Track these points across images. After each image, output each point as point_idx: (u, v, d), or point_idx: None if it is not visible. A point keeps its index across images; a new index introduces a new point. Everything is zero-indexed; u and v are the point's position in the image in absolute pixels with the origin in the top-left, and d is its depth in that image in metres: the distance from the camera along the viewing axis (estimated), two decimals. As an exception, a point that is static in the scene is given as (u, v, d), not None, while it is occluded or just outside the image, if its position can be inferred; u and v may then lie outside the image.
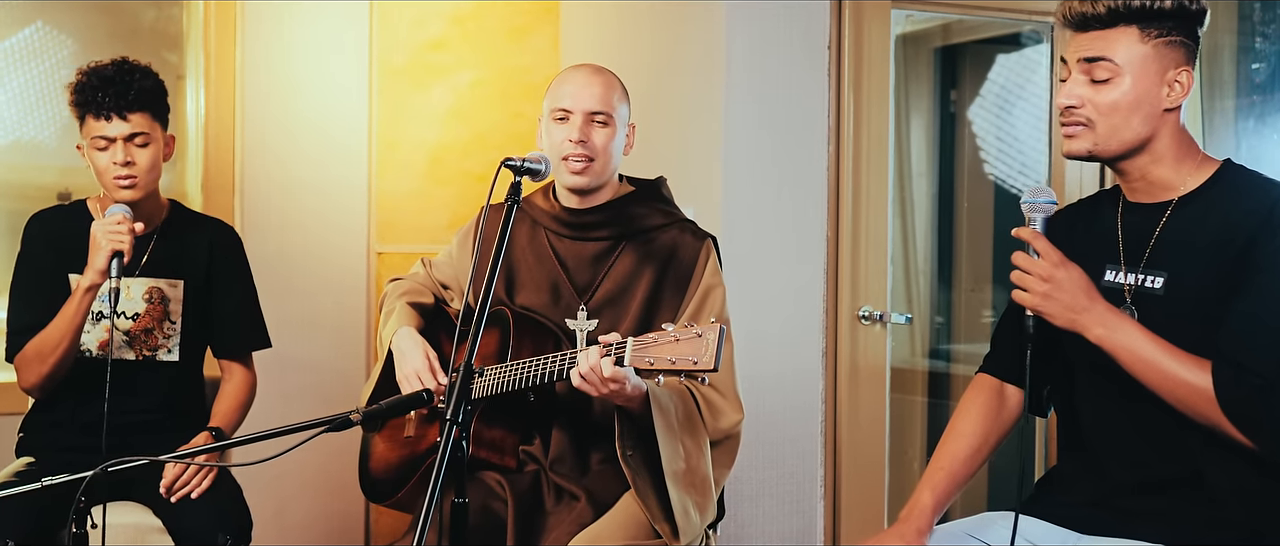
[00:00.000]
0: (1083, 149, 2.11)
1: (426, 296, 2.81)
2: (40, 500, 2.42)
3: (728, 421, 2.57)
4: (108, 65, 2.88)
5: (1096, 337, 2.02)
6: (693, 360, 2.15)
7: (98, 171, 2.88)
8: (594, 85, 2.61)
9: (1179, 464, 2.07)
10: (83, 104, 2.86)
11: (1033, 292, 2.04)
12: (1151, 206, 2.14)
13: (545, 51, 4.40)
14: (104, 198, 2.96)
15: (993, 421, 2.33)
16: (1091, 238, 2.21)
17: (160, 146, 2.92)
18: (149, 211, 2.96)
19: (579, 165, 2.58)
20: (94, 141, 2.86)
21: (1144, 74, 2.06)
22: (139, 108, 2.85)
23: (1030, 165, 4.35)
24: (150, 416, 2.97)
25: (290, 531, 4.11)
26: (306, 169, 4.14)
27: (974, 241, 4.60)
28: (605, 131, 2.59)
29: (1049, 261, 2.04)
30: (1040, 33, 4.15)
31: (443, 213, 4.31)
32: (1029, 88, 4.37)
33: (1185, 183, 2.11)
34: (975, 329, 4.55)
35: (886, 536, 2.24)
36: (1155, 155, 2.11)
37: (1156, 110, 2.08)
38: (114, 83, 2.84)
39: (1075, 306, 2.02)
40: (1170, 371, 1.99)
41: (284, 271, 4.06)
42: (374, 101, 4.25)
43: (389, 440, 2.76)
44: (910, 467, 4.33)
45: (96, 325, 2.93)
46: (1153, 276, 2.10)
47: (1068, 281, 2.03)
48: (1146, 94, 2.06)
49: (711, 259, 2.64)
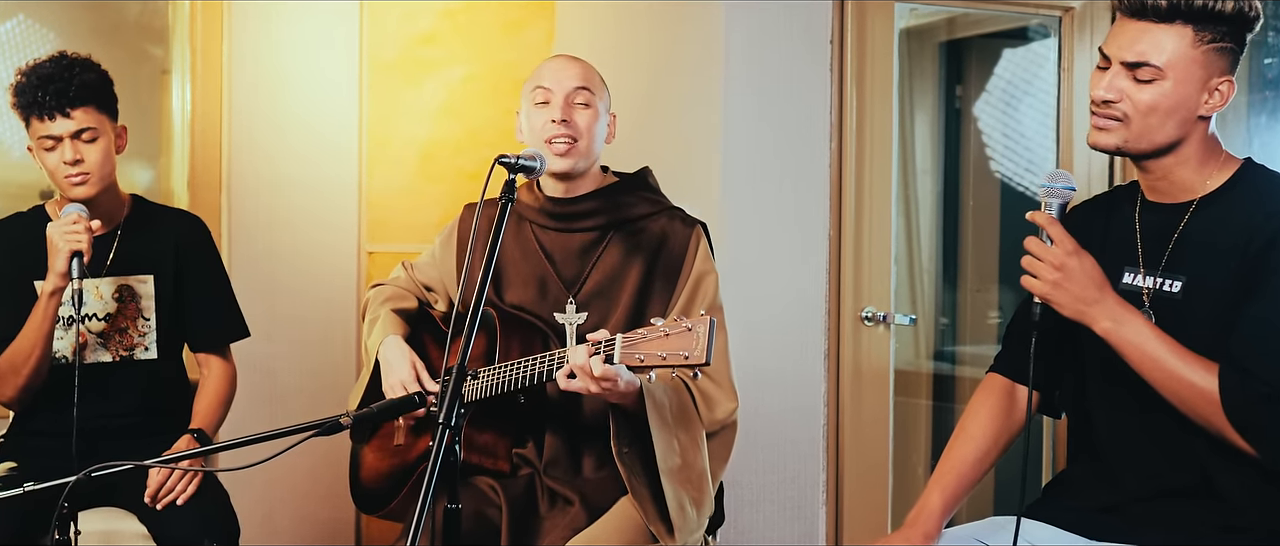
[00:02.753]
0: (1112, 144, 2.10)
1: (410, 301, 2.81)
2: (23, 505, 2.42)
3: (723, 411, 2.58)
4: (46, 62, 2.85)
5: (1103, 331, 2.01)
6: (684, 354, 2.15)
7: (49, 172, 2.87)
8: (573, 66, 2.63)
9: (1191, 472, 2.08)
10: (25, 105, 2.83)
11: (1043, 280, 2.03)
12: (1171, 207, 2.14)
13: (539, 46, 4.40)
14: (60, 199, 2.95)
15: (1003, 422, 2.32)
16: (1109, 237, 2.21)
17: (111, 139, 2.90)
18: (109, 208, 2.95)
19: (563, 146, 2.58)
20: (41, 142, 2.83)
21: (1187, 78, 2.04)
22: (82, 102, 2.83)
23: (1037, 162, 4.35)
24: (132, 418, 2.96)
25: (279, 537, 4.11)
26: (295, 166, 4.14)
27: (980, 240, 4.60)
28: (588, 113, 2.60)
29: (1063, 249, 2.02)
30: (1047, 27, 4.15)
31: (434, 211, 4.31)
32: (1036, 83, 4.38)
33: (1206, 183, 2.11)
34: (981, 330, 4.55)
35: (894, 539, 2.25)
36: (1182, 157, 2.10)
37: (1192, 115, 2.07)
38: (54, 79, 2.81)
39: (1085, 297, 2.01)
40: (1176, 371, 1.98)
41: (272, 271, 4.06)
42: (364, 97, 4.25)
43: (379, 450, 2.76)
44: (914, 472, 4.33)
45: (68, 330, 2.92)
46: (1171, 280, 2.10)
47: (1079, 271, 2.01)
48: (1186, 99, 2.05)
49: (702, 245, 2.64)
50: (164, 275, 3.02)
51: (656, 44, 3.84)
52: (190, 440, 2.94)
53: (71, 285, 2.72)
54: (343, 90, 4.22)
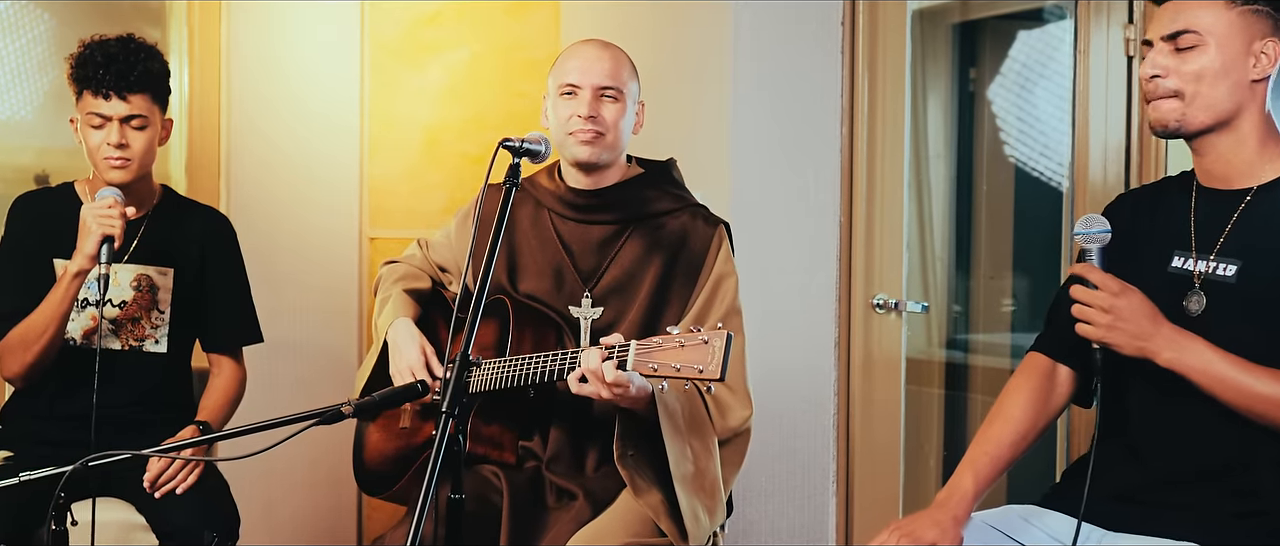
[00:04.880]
0: (1172, 119, 2.13)
1: (423, 281, 2.80)
2: (19, 496, 2.42)
3: (737, 418, 2.57)
4: (113, 41, 2.87)
5: (1167, 362, 2.05)
6: (698, 368, 2.14)
7: (89, 149, 2.88)
8: (603, 60, 2.59)
9: (1222, 457, 2.09)
10: (82, 78, 2.85)
11: (1096, 325, 2.07)
12: (1228, 194, 2.15)
13: (545, 26, 4.38)
14: (93, 179, 2.96)
15: (1042, 405, 2.33)
16: (1156, 223, 2.23)
17: (157, 130, 2.91)
18: (140, 196, 2.96)
19: (588, 136, 2.56)
20: (88, 118, 2.85)
21: (1229, 41, 2.09)
22: (141, 89, 2.85)
23: (1053, 147, 4.34)
24: (134, 409, 2.97)
25: (279, 528, 4.12)
26: (296, 150, 4.14)
27: (994, 227, 4.59)
28: (615, 107, 2.58)
29: (1108, 291, 2.06)
30: (1063, 8, 4.13)
31: (438, 196, 4.30)
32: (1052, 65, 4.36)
33: (1264, 171, 2.12)
34: (994, 318, 4.54)
35: (921, 521, 2.21)
36: (1240, 135, 2.12)
37: (1244, 81, 2.10)
38: (118, 60, 2.83)
39: (1141, 334, 2.05)
40: (1247, 387, 2.01)
41: (272, 257, 4.05)
42: (366, 79, 4.24)
43: (384, 430, 2.76)
44: (926, 463, 4.33)
45: (81, 313, 2.93)
46: (1225, 264, 2.11)
47: (1129, 309, 2.05)
48: (1233, 62, 2.09)
49: (724, 246, 2.63)
50: (185, 270, 3.02)
51: (662, 23, 3.83)
52: (194, 431, 2.95)
53: (97, 269, 2.72)
54: (344, 72, 4.21)
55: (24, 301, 2.86)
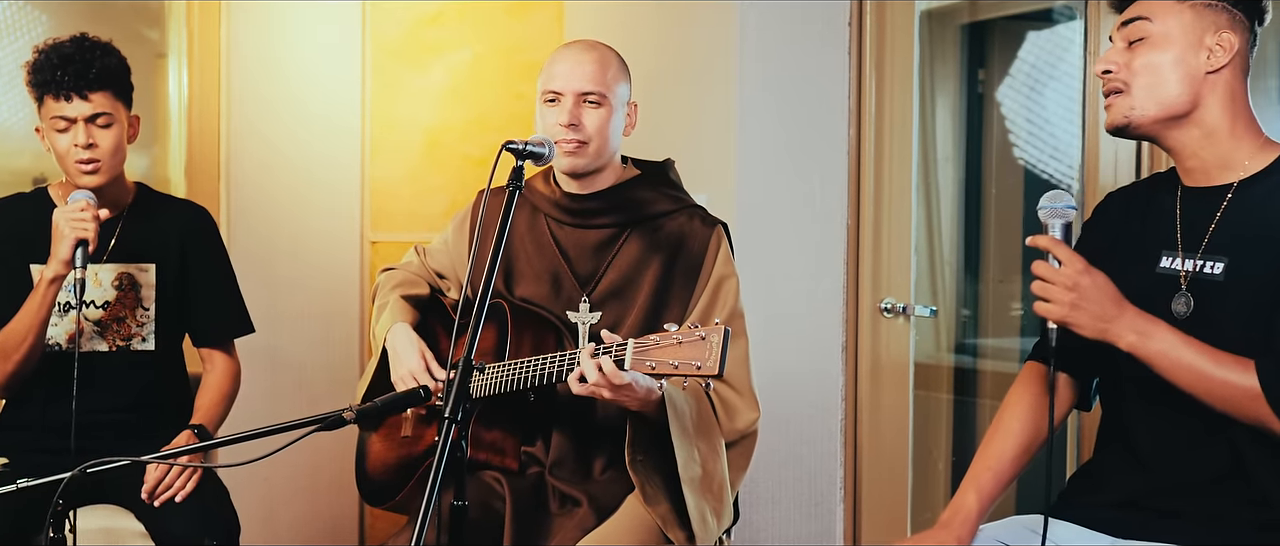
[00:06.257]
0: (1119, 117, 2.13)
1: (421, 287, 2.80)
2: (15, 503, 2.42)
3: (744, 421, 2.57)
4: (67, 42, 2.86)
5: (1129, 346, 2.01)
6: (696, 364, 2.14)
7: (58, 155, 2.87)
8: (585, 64, 2.57)
9: (1223, 461, 2.07)
10: (40, 83, 2.84)
11: (1058, 303, 2.01)
12: (1211, 190, 2.13)
13: (548, 27, 4.39)
14: (66, 183, 2.95)
15: (1043, 416, 2.31)
16: (1145, 224, 2.21)
17: (124, 128, 2.90)
18: (114, 196, 2.95)
19: (570, 147, 2.55)
20: (53, 122, 2.84)
21: (1180, 34, 2.09)
22: (101, 87, 2.83)
23: (1062, 148, 4.33)
24: (127, 413, 2.97)
25: (280, 535, 4.12)
26: (296, 152, 4.14)
27: (1003, 230, 4.58)
28: (599, 113, 2.56)
29: (1073, 269, 2.00)
30: (1073, 8, 4.13)
31: (439, 199, 4.30)
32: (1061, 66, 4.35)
33: (1246, 165, 2.10)
34: (1004, 322, 4.53)
35: (927, 538, 2.22)
36: (1204, 128, 2.11)
37: (1196, 74, 2.09)
38: (74, 60, 2.82)
39: (1104, 315, 2.00)
40: (1211, 373, 1.98)
41: (272, 261, 4.05)
42: (367, 80, 4.24)
43: (386, 440, 2.76)
44: (935, 469, 4.32)
45: (64, 317, 2.93)
46: (1212, 262, 2.09)
47: (1093, 289, 2.00)
48: (1182, 56, 2.08)
49: (723, 247, 2.62)
50: (167, 265, 3.02)
51: (667, 24, 3.83)
52: (191, 436, 2.94)
53: (73, 273, 2.72)
54: (345, 73, 4.21)
55: (1, 310, 2.86)
